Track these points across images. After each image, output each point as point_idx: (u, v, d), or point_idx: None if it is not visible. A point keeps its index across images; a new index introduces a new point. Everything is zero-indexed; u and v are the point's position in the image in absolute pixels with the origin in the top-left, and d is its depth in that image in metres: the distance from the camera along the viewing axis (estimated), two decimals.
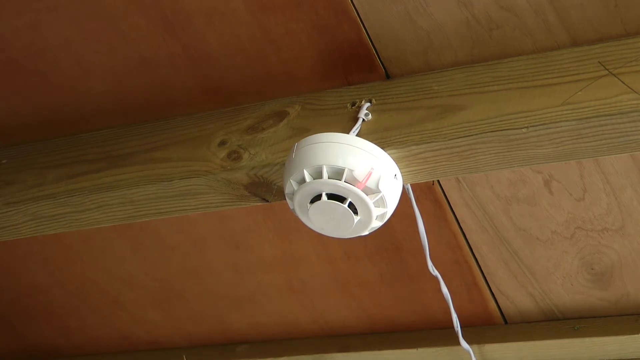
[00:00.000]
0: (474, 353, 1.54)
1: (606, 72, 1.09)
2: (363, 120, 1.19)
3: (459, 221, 1.50)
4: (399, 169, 1.16)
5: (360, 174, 1.12)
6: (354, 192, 1.12)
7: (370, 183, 1.12)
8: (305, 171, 1.13)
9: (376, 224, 1.17)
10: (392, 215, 1.19)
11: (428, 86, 1.20)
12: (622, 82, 1.07)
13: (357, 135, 1.17)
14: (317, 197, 1.14)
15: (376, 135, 1.17)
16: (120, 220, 1.36)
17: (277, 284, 1.72)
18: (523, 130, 1.09)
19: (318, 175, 1.13)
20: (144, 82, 1.36)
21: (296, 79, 1.29)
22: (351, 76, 1.27)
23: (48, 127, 1.45)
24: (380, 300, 1.69)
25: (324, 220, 1.17)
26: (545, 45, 1.17)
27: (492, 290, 1.60)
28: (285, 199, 1.20)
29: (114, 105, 1.40)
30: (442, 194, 1.47)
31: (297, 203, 1.16)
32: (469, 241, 1.53)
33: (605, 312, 1.58)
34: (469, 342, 1.51)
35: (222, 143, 1.27)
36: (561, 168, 1.39)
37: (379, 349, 1.71)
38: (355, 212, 1.14)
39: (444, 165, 1.16)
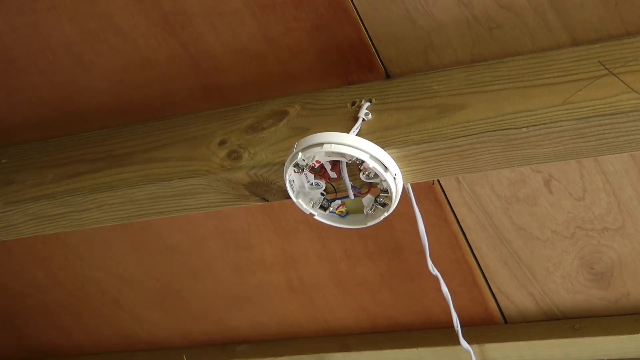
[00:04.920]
0: (474, 353, 1.54)
1: (606, 71, 1.09)
2: (363, 119, 1.19)
3: (459, 221, 1.50)
4: (399, 168, 1.16)
5: None
6: None
7: None
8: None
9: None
10: (392, 214, 1.19)
11: (428, 86, 1.20)
12: (622, 81, 1.07)
13: (357, 134, 1.17)
14: None
15: (376, 134, 1.17)
16: (120, 219, 1.36)
17: (277, 283, 1.72)
18: (523, 129, 1.09)
19: None
20: (144, 82, 1.36)
21: (296, 78, 1.29)
22: (351, 76, 1.27)
23: (48, 127, 1.45)
24: (380, 300, 1.69)
25: None
26: (545, 45, 1.17)
27: (492, 290, 1.60)
28: (285, 199, 1.21)
29: (114, 104, 1.40)
30: (442, 194, 1.47)
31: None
32: (469, 241, 1.53)
33: (605, 311, 1.58)
34: (469, 342, 1.51)
35: (222, 142, 1.27)
36: (561, 168, 1.39)
37: (379, 349, 1.71)
38: None
39: (443, 165, 1.16)
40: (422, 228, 1.29)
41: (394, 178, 1.15)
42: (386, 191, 1.17)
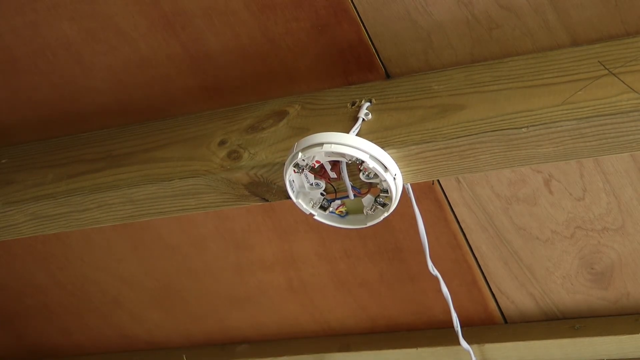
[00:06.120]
0: (474, 353, 1.54)
1: (606, 71, 1.09)
2: (363, 119, 1.19)
3: (459, 221, 1.50)
4: (399, 168, 1.16)
5: None
6: None
7: None
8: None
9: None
10: (392, 214, 1.19)
11: (428, 86, 1.20)
12: (622, 81, 1.07)
13: (357, 134, 1.17)
14: None
15: (376, 134, 1.17)
16: (120, 219, 1.36)
17: (277, 284, 1.72)
18: (523, 129, 1.09)
19: None
20: (144, 82, 1.36)
21: (296, 78, 1.29)
22: (351, 76, 1.27)
23: (48, 127, 1.45)
24: (380, 300, 1.69)
25: None
26: (545, 45, 1.17)
27: (492, 290, 1.60)
28: (285, 199, 1.21)
29: (114, 104, 1.40)
30: (442, 194, 1.47)
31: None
32: (469, 241, 1.53)
33: (605, 311, 1.58)
34: (469, 342, 1.51)
35: (222, 142, 1.27)
36: (561, 168, 1.39)
37: (379, 349, 1.71)
38: None
39: (443, 165, 1.16)
40: (422, 228, 1.29)
41: (394, 178, 1.15)
42: (386, 191, 1.17)
